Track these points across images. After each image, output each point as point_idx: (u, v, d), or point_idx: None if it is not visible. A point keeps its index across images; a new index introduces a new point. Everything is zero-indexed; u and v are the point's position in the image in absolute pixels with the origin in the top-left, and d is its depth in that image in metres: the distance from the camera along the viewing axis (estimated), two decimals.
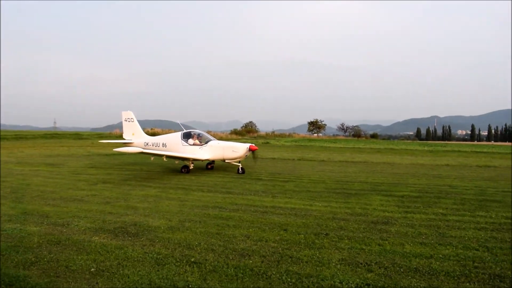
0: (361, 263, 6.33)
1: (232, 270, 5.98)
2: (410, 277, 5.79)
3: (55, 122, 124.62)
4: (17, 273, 5.82)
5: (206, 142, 19.67)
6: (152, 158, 21.03)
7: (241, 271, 5.96)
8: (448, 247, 7.29)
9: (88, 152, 32.86)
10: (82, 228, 8.36)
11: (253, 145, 19.57)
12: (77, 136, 61.16)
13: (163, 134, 25.89)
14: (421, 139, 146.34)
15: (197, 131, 21.05)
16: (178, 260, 6.42)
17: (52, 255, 6.61)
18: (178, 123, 22.77)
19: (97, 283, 5.51)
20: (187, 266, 6.16)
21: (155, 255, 6.64)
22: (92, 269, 6.00)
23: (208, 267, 6.10)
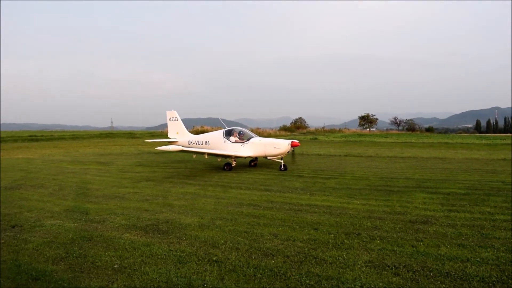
0: (388, 266, 6.01)
1: (251, 270, 5.88)
2: (439, 282, 5.40)
3: (112, 122, 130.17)
4: (45, 268, 6.07)
5: (248, 139, 19.69)
6: (194, 156, 21.35)
7: (261, 271, 5.85)
8: (488, 249, 6.77)
9: (139, 150, 33.97)
10: (116, 225, 8.59)
11: (295, 141, 19.37)
12: (130, 135, 63.50)
13: (212, 131, 26.32)
14: (481, 132, 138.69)
15: (239, 128, 21.13)
16: (200, 258, 6.41)
17: (81, 251, 6.83)
18: (219, 119, 23.02)
19: (116, 279, 5.61)
20: (208, 264, 6.14)
21: (179, 253, 6.68)
22: (116, 266, 6.13)
23: (228, 266, 6.04)
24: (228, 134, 20.35)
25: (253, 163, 21.17)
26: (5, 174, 17.59)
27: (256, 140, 19.63)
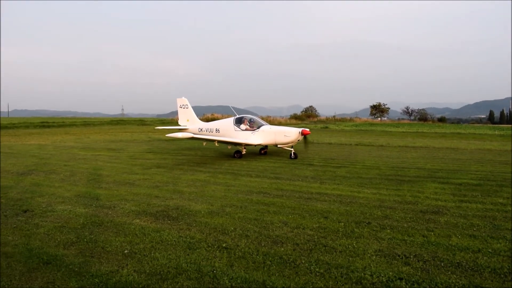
0: (398, 255, 5.96)
1: (260, 257, 5.87)
2: (450, 273, 5.34)
3: (122, 109, 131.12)
4: (56, 252, 6.12)
5: (258, 127, 19.60)
6: (204, 143, 21.37)
7: (270, 258, 5.84)
8: (500, 240, 6.68)
9: (149, 137, 34.10)
10: (127, 211, 8.64)
11: (306, 129, 19.24)
12: (140, 122, 63.78)
13: (223, 119, 26.26)
14: (494, 123, 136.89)
15: (249, 116, 21.04)
16: (210, 245, 6.42)
17: (92, 236, 6.88)
18: (230, 107, 22.97)
19: (126, 264, 5.64)
20: (218, 251, 6.15)
21: (188, 239, 6.69)
22: (126, 251, 6.16)
23: (237, 253, 6.04)
24: (239, 121, 20.28)
25: (263, 151, 21.13)
26: (17, 160, 17.76)
27: (267, 128, 19.54)
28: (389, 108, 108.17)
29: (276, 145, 19.39)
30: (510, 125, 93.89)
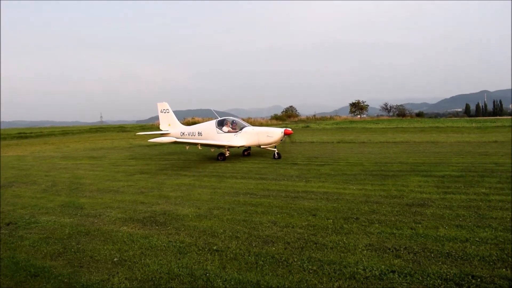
0: (389, 249, 6.02)
1: (252, 258, 5.85)
2: (440, 263, 5.42)
3: (101, 117, 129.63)
4: (43, 264, 5.99)
5: (241, 129, 19.58)
6: (187, 147, 21.23)
7: (262, 258, 5.82)
8: (486, 229, 6.81)
9: (130, 144, 33.71)
10: (113, 219, 8.52)
11: (288, 129, 19.32)
12: (120, 129, 63.01)
13: (205, 122, 26.13)
14: (470, 116, 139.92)
15: (231, 118, 21.01)
16: (200, 248, 6.38)
17: (79, 246, 6.76)
18: (212, 110, 22.89)
19: (117, 272, 5.55)
20: (209, 254, 6.10)
21: (178, 244, 6.63)
22: (115, 259, 6.06)
23: (229, 255, 6.01)
24: (221, 124, 20.22)
25: (247, 152, 21.12)
26: None
27: (249, 129, 19.53)
28: (368, 105, 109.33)
29: (259, 146, 19.41)
30: (486, 118, 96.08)
